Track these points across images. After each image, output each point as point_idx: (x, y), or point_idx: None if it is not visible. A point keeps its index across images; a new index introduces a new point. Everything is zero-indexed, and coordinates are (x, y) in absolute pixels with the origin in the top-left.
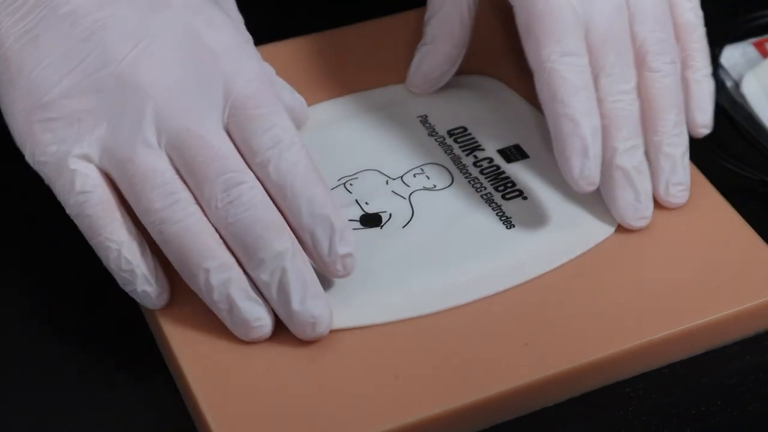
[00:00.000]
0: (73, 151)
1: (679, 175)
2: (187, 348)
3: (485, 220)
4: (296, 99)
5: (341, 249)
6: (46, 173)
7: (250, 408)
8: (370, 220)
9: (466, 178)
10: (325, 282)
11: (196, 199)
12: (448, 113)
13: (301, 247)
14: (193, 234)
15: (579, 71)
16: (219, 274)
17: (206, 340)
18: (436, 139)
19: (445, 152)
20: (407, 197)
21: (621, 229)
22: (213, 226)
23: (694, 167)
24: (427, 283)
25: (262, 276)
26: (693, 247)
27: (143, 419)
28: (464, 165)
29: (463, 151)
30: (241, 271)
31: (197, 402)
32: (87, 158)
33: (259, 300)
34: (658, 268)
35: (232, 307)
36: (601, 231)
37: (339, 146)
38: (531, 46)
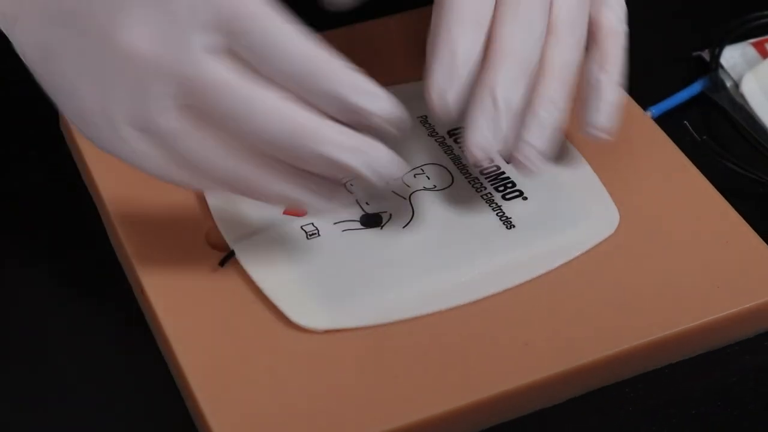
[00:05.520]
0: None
1: (602, 113)
2: (187, 348)
3: (485, 220)
4: None
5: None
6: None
7: (250, 408)
8: (371, 221)
9: (466, 178)
10: (324, 281)
11: None
12: None
13: None
14: None
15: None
16: None
17: (207, 340)
18: (436, 140)
19: (445, 152)
20: (407, 197)
21: (621, 229)
22: None
23: (694, 167)
24: (427, 284)
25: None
26: (693, 247)
27: (143, 419)
28: (464, 165)
29: (463, 151)
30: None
31: (197, 402)
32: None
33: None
34: (658, 268)
35: None
36: (601, 231)
37: None
38: None
